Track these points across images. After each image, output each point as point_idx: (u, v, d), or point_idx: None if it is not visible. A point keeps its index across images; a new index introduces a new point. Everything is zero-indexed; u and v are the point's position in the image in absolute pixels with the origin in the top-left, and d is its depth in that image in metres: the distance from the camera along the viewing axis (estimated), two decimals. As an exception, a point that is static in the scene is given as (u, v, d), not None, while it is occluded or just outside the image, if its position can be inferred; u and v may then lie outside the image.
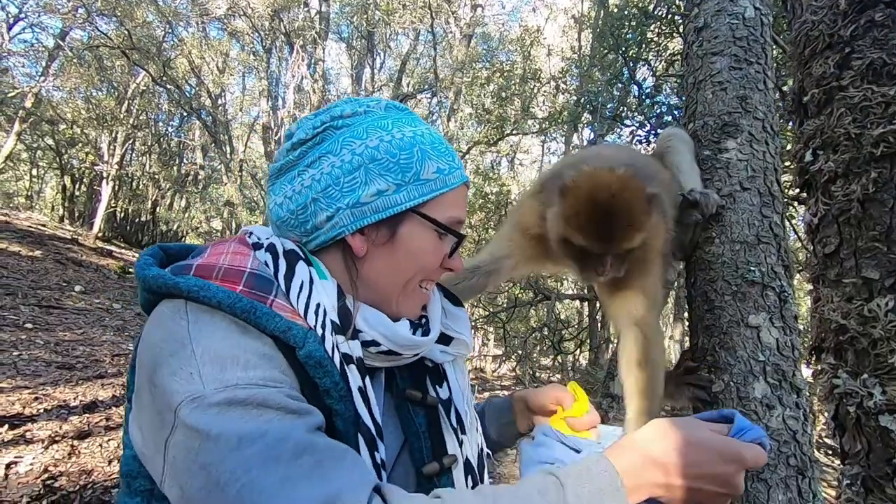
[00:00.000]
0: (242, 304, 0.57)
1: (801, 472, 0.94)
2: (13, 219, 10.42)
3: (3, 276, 6.32)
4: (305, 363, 0.59)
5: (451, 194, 0.71)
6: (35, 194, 16.72)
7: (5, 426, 3.18)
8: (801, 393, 1.00)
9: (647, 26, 3.58)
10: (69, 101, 12.20)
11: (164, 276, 0.60)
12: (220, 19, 11.86)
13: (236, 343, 0.56)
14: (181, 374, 0.53)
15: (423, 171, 0.68)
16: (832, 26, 0.62)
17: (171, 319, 0.58)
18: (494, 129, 9.01)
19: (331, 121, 0.68)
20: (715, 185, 1.16)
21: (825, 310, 0.61)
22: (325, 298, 0.64)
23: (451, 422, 0.75)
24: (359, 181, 0.66)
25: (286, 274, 0.64)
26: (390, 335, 0.68)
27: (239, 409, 0.52)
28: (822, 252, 0.63)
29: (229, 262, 0.63)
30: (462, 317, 0.82)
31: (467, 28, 10.57)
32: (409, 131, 0.69)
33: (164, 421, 0.53)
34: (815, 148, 0.64)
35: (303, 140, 0.69)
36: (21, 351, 4.41)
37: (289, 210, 0.69)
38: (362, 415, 0.62)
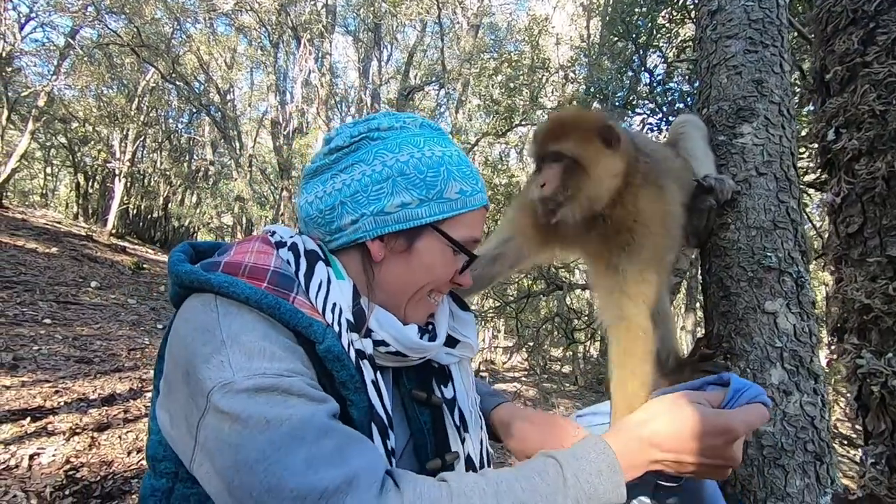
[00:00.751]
0: (268, 301, 0.61)
1: (819, 458, 0.93)
2: (29, 216, 10.59)
3: (22, 273, 6.44)
4: (325, 357, 0.63)
5: (470, 215, 0.75)
6: (50, 192, 16.98)
7: (28, 419, 3.26)
8: (818, 379, 0.99)
9: (658, 12, 3.52)
10: (81, 100, 12.33)
11: (196, 272, 0.64)
12: (228, 15, 11.87)
13: (263, 335, 0.60)
14: (213, 361, 0.57)
15: (447, 189, 0.72)
16: (856, 1, 0.61)
17: (203, 312, 0.62)
18: (503, 120, 8.95)
19: (368, 132, 0.73)
20: (730, 170, 1.15)
21: (848, 290, 0.60)
22: (341, 298, 0.68)
23: (455, 420, 0.78)
24: (385, 191, 0.71)
25: (306, 273, 0.68)
26: (399, 337, 0.72)
27: (265, 395, 0.55)
28: (846, 232, 0.62)
29: (254, 260, 0.67)
30: (469, 321, 0.86)
31: (475, 18, 10.49)
32: (438, 151, 0.74)
33: (196, 405, 0.57)
34: (837, 126, 0.63)
35: (340, 147, 0.73)
36: (41, 346, 4.50)
37: (317, 209, 0.73)
38: (375, 405, 0.66)
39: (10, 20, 9.45)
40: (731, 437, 0.60)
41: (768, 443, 0.95)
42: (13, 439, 3.03)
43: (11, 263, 6.66)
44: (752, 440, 0.96)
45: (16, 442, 3.01)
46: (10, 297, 5.50)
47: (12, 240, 7.88)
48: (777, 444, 0.94)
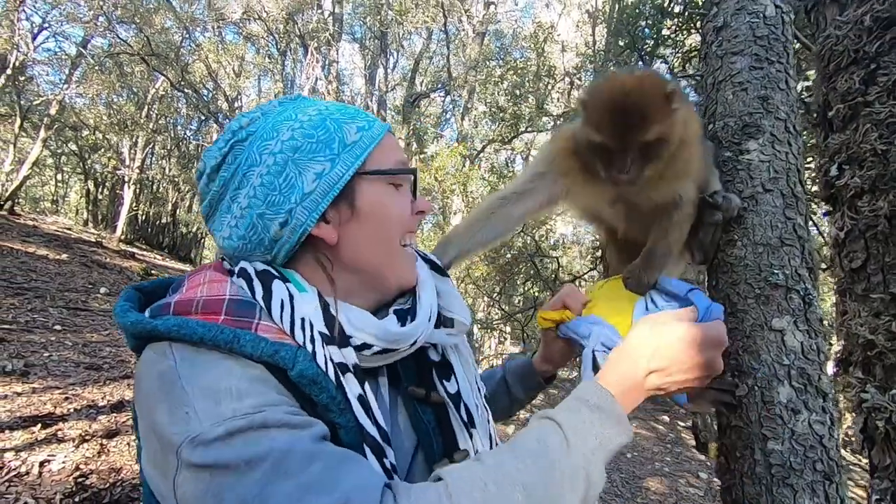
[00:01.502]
0: (225, 336, 0.57)
1: (828, 478, 0.92)
2: (40, 223, 10.72)
3: (33, 280, 6.51)
4: (299, 382, 0.58)
5: (382, 145, 0.71)
6: (60, 199, 17.17)
7: (38, 425, 3.29)
8: (827, 397, 0.98)
9: (663, 22, 3.53)
10: (91, 108, 12.50)
11: (142, 321, 0.60)
12: (236, 24, 12.02)
13: (226, 374, 0.56)
14: (177, 414, 0.53)
15: (346, 136, 0.67)
16: (857, 42, 0.61)
17: (158, 362, 0.58)
18: (509, 127, 8.98)
19: (233, 136, 0.67)
20: (736, 186, 1.15)
21: (853, 324, 0.61)
22: (309, 310, 0.63)
23: (462, 416, 0.73)
24: (293, 176, 0.65)
25: (264, 296, 0.63)
26: (380, 333, 0.66)
27: (240, 437, 0.51)
28: (849, 266, 0.62)
29: (207, 292, 0.62)
30: (452, 292, 0.80)
31: (480, 26, 10.54)
32: (312, 111, 0.68)
33: (169, 462, 0.53)
34: (840, 163, 0.63)
35: (216, 166, 0.67)
36: (51, 352, 4.55)
37: (239, 237, 0.67)
38: (364, 424, 0.61)
39: (23, 30, 9.62)
40: (723, 347, 0.66)
41: (776, 461, 0.94)
42: (24, 446, 3.06)
43: (23, 270, 6.74)
44: (759, 459, 0.96)
45: (26, 449, 3.04)
46: (22, 303, 5.57)
47: (24, 246, 7.98)
48: (786, 463, 0.94)
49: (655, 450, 6.72)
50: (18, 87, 10.49)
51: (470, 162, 9.27)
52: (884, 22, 0.59)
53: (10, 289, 5.88)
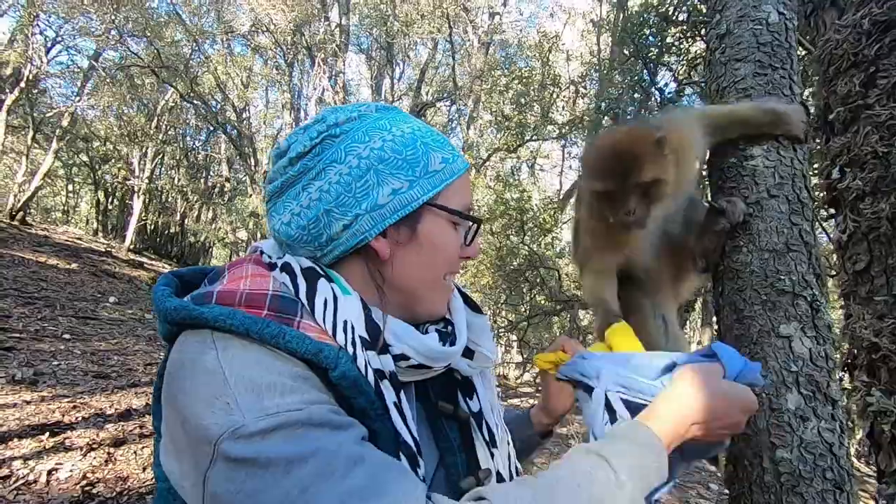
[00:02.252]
0: (271, 330, 0.56)
1: (839, 487, 0.91)
2: (51, 233, 10.86)
3: (43, 289, 6.58)
4: (339, 384, 0.57)
5: (459, 181, 0.71)
6: (71, 209, 17.40)
7: (46, 434, 3.31)
8: (836, 404, 0.97)
9: (667, 30, 3.54)
10: (102, 119, 12.71)
11: (187, 306, 0.58)
12: (245, 36, 12.20)
13: (270, 368, 0.54)
14: (217, 405, 0.51)
15: (431, 163, 0.67)
16: (856, 45, 0.61)
17: (199, 351, 0.56)
18: (514, 136, 9.01)
19: (327, 130, 0.66)
20: (741, 192, 1.15)
21: (857, 327, 0.60)
22: (352, 314, 0.62)
23: (484, 435, 0.73)
24: (371, 184, 0.64)
25: (307, 293, 0.62)
26: (420, 348, 0.66)
27: (282, 433, 0.50)
28: (853, 269, 0.62)
29: (251, 286, 0.61)
30: (483, 327, 0.80)
31: (485, 36, 10.63)
32: (406, 128, 0.68)
33: (201, 454, 0.51)
34: (842, 165, 0.63)
35: (301, 153, 0.66)
36: (60, 361, 4.58)
37: (299, 226, 0.66)
38: (401, 431, 0.60)
39: (37, 44, 9.82)
40: (752, 411, 0.65)
41: (786, 470, 0.93)
42: (32, 454, 3.08)
43: (34, 279, 6.82)
44: (768, 467, 0.95)
45: (35, 457, 3.06)
46: (32, 312, 5.63)
47: (35, 256, 8.08)
48: (795, 472, 0.92)
49: (665, 460, 6.63)
50: (32, 100, 10.68)
51: (476, 170, 9.29)
52: (882, 25, 0.60)
53: (21, 298, 5.95)
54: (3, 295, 5.82)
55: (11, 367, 4.15)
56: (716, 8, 1.34)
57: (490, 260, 7.20)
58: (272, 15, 10.23)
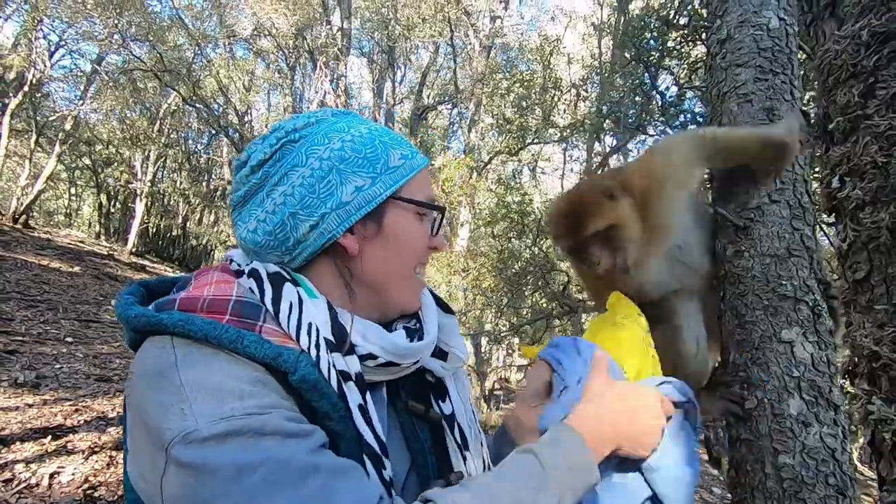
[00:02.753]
0: (229, 335, 0.56)
1: (842, 492, 0.91)
2: (54, 236, 10.89)
3: (46, 292, 6.60)
4: (300, 387, 0.57)
5: (419, 176, 0.73)
6: (73, 212, 17.44)
7: (49, 437, 3.31)
8: (838, 409, 0.97)
9: (668, 34, 3.55)
10: (105, 123, 12.76)
11: (146, 313, 0.59)
12: (247, 40, 12.25)
13: (228, 374, 0.55)
14: (172, 410, 0.51)
15: (391, 159, 0.69)
16: (855, 56, 0.62)
17: (158, 356, 0.56)
18: (515, 139, 9.02)
19: (286, 136, 0.68)
20: (742, 198, 1.15)
21: (857, 335, 0.60)
22: (317, 316, 0.63)
23: (456, 438, 0.74)
24: (335, 183, 0.66)
25: (273, 297, 0.63)
26: (387, 346, 0.67)
27: (235, 440, 0.50)
28: (853, 277, 0.62)
29: (214, 292, 0.62)
30: (453, 327, 0.82)
31: (487, 39, 10.66)
32: (364, 129, 0.70)
33: (158, 459, 0.51)
34: (841, 175, 0.63)
35: (262, 160, 0.67)
36: (62, 364, 4.59)
37: (265, 232, 0.67)
38: (364, 433, 0.60)
39: (40, 48, 9.87)
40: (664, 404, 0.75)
41: (788, 475, 0.93)
42: (34, 458, 3.08)
43: (36, 283, 6.84)
44: (770, 472, 0.95)
45: (37, 460, 3.06)
46: (35, 315, 5.64)
47: (37, 259, 8.10)
48: (797, 477, 0.93)
49: (667, 464, 6.60)
50: (35, 104, 10.73)
51: (477, 174, 9.31)
52: (881, 36, 0.60)
53: (24, 301, 5.96)
54: (6, 298, 5.83)
55: (14, 370, 4.16)
56: (717, 13, 1.35)
57: (492, 263, 7.20)
58: (274, 19, 10.27)
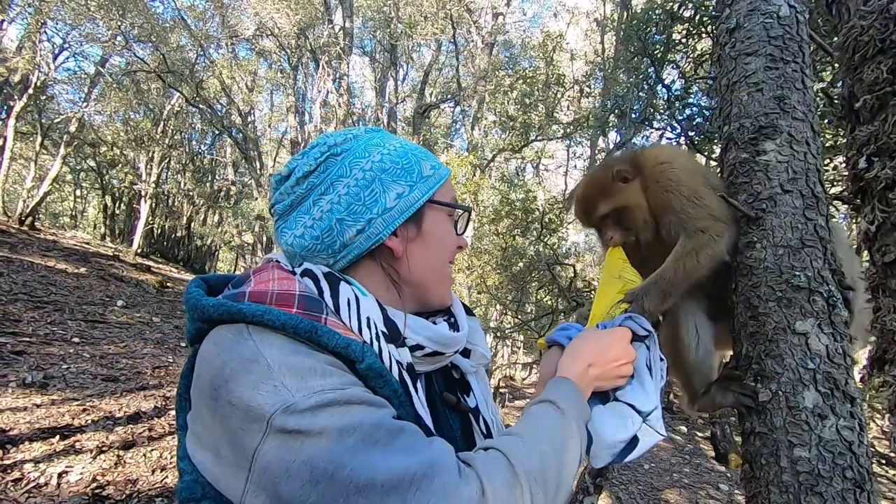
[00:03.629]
0: (304, 325, 0.61)
1: (859, 486, 0.89)
2: (60, 238, 10.94)
3: (52, 293, 6.63)
4: (367, 375, 0.63)
5: (447, 183, 0.82)
6: (79, 214, 17.53)
7: (57, 437, 3.32)
8: (855, 402, 0.95)
9: (673, 27, 3.52)
10: (109, 125, 12.81)
11: (224, 303, 0.63)
12: (249, 40, 12.26)
13: (306, 356, 0.60)
14: (264, 387, 0.56)
15: (423, 170, 0.78)
16: (883, 31, 0.60)
17: (236, 342, 0.60)
18: (519, 136, 8.99)
19: (329, 150, 0.75)
20: (754, 187, 1.13)
21: (886, 320, 0.59)
22: (373, 312, 0.69)
23: (481, 427, 0.81)
24: (378, 191, 0.73)
25: (332, 294, 0.68)
26: (434, 336, 0.74)
27: (329, 409, 0.56)
28: (882, 261, 0.60)
29: (279, 287, 0.66)
30: (476, 327, 0.89)
31: (489, 37, 10.62)
32: (397, 144, 0.79)
33: (250, 433, 0.55)
34: (869, 154, 0.62)
35: (308, 172, 0.74)
36: (69, 364, 4.61)
37: (313, 237, 0.73)
38: (423, 416, 0.68)
39: (44, 51, 9.91)
40: (627, 338, 0.87)
41: (804, 469, 0.91)
42: (43, 457, 3.10)
43: (43, 284, 6.87)
44: (786, 466, 0.93)
45: (45, 460, 3.07)
46: (42, 316, 5.66)
47: (44, 260, 8.14)
48: (814, 471, 0.91)
49: (673, 461, 6.59)
50: (40, 106, 10.78)
51: (480, 171, 9.28)
52: (910, 9, 0.59)
53: (31, 302, 5.99)
54: (13, 299, 5.86)
55: (22, 370, 4.18)
56: (725, 2, 1.33)
57: (496, 260, 7.19)
58: (276, 19, 10.27)
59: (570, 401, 0.74)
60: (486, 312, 9.97)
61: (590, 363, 0.82)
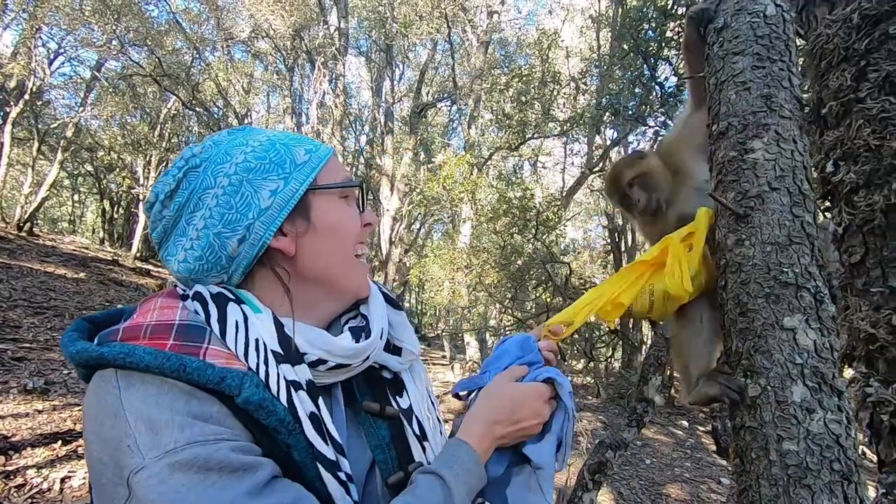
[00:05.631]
0: (171, 364, 0.57)
1: (847, 478, 0.91)
2: (58, 243, 10.94)
3: (52, 299, 6.64)
4: (246, 409, 0.59)
5: (329, 164, 0.75)
6: (77, 219, 17.52)
7: (59, 442, 3.34)
8: (842, 396, 0.97)
9: (666, 24, 3.54)
10: (106, 129, 12.80)
11: (88, 349, 0.60)
12: (244, 42, 12.25)
13: (169, 405, 0.56)
14: (122, 446, 0.54)
15: (296, 157, 0.71)
16: (847, 39, 0.61)
17: (104, 391, 0.58)
18: (515, 134, 9.00)
19: (186, 163, 0.69)
20: (742, 186, 1.15)
21: (854, 318, 0.60)
22: (264, 331, 0.65)
23: (414, 430, 0.77)
24: (249, 194, 0.68)
25: (219, 317, 0.64)
26: (334, 350, 0.69)
27: (180, 475, 0.52)
28: (849, 261, 0.62)
29: (157, 318, 0.63)
30: (403, 322, 0.84)
31: (484, 35, 10.62)
32: (262, 137, 0.72)
33: (116, 494, 0.53)
34: (835, 159, 0.63)
35: (170, 192, 0.68)
36: (70, 370, 4.62)
37: (195, 258, 0.68)
38: (315, 442, 0.63)
39: (40, 56, 9.91)
40: (546, 396, 0.80)
41: (793, 462, 0.93)
42: (45, 463, 3.11)
43: (42, 289, 6.88)
44: (775, 459, 0.95)
45: (48, 465, 3.09)
46: (42, 322, 5.68)
47: (43, 266, 8.15)
48: (802, 464, 0.92)
49: (675, 455, 6.61)
50: (36, 112, 10.77)
51: (478, 170, 9.30)
52: (871, 19, 0.60)
53: (31, 308, 6.00)
54: (13, 306, 5.87)
55: (23, 376, 4.19)
56: (713, 2, 1.34)
57: (494, 259, 7.20)
58: (271, 20, 10.27)
59: (461, 472, 0.69)
60: (486, 311, 9.99)
61: (497, 421, 0.76)
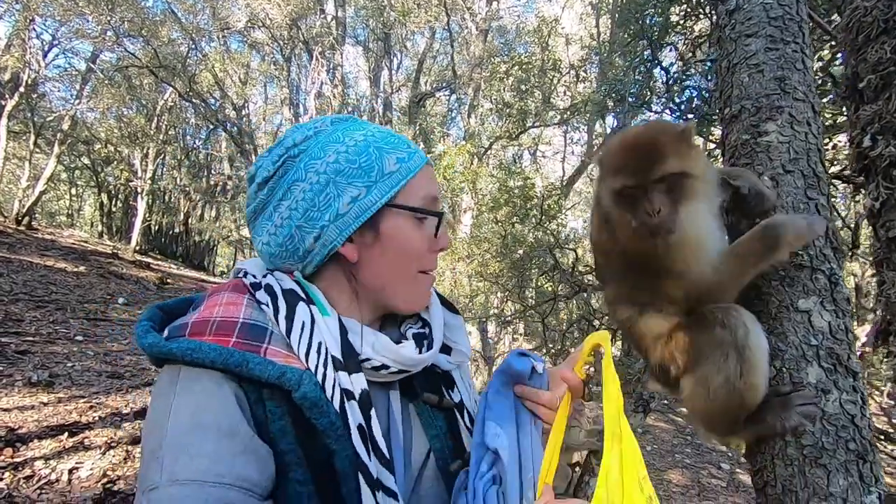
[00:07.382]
0: (234, 359, 0.60)
1: (862, 457, 0.91)
2: (58, 237, 10.91)
3: (53, 293, 6.63)
4: (301, 405, 0.61)
5: (418, 177, 0.75)
6: (75, 212, 17.45)
7: (65, 434, 3.36)
8: (857, 376, 0.97)
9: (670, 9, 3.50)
10: (102, 121, 12.69)
11: (158, 343, 0.63)
12: (241, 32, 12.12)
13: (214, 413, 0.59)
14: (154, 456, 0.57)
15: (386, 165, 0.72)
16: (886, 11, 0.61)
17: (164, 394, 0.61)
18: (515, 123, 8.96)
19: (286, 152, 0.71)
20: (756, 168, 1.14)
21: (891, 293, 0.60)
22: (328, 336, 0.67)
23: (466, 423, 0.80)
24: (332, 196, 0.70)
25: (287, 315, 0.67)
26: (397, 357, 0.72)
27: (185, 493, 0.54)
28: (886, 236, 0.62)
29: (222, 314, 0.66)
30: (459, 325, 0.86)
31: (483, 23, 10.53)
32: (359, 136, 0.73)
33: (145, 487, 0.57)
34: (873, 133, 0.62)
35: (267, 178, 0.72)
36: (74, 362, 4.63)
37: (277, 244, 0.72)
38: (360, 454, 0.63)
39: (34, 48, 9.79)
40: None
41: (808, 442, 0.94)
42: (52, 454, 3.13)
43: (43, 283, 6.87)
44: (790, 440, 0.95)
45: (55, 457, 3.11)
46: (44, 315, 5.68)
47: (42, 260, 8.13)
48: (818, 444, 0.93)
49: (675, 441, 6.67)
50: (32, 105, 10.68)
51: (478, 159, 9.26)
52: (914, -12, 0.59)
53: (32, 301, 6.00)
54: (15, 300, 5.87)
55: (27, 369, 4.20)
56: (724, -17, 1.32)
57: (496, 248, 7.20)
58: (268, 10, 10.16)
59: None
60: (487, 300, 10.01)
61: None
